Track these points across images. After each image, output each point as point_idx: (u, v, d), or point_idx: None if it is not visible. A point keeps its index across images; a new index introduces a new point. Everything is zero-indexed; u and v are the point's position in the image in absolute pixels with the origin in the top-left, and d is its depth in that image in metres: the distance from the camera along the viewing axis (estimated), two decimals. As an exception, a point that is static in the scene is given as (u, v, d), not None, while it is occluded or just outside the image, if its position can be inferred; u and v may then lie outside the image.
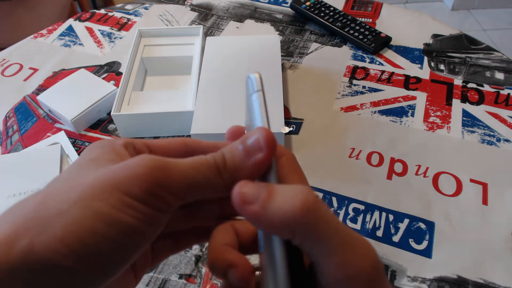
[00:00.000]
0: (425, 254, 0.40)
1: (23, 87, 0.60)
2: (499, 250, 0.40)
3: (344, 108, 0.55)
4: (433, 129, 0.52)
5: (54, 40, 0.68)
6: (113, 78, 0.61)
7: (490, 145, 0.50)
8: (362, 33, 0.64)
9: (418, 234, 0.41)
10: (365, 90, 0.57)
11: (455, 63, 0.61)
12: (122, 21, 0.72)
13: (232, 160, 0.17)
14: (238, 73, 0.53)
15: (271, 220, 0.15)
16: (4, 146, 0.52)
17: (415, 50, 0.64)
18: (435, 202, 0.44)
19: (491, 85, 0.57)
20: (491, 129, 0.51)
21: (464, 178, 0.46)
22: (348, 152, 0.49)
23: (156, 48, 0.61)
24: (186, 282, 0.39)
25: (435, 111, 0.54)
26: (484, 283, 0.38)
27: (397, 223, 0.42)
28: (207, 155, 0.17)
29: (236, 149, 0.17)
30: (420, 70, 0.60)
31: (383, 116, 0.54)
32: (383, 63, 0.62)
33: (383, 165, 0.48)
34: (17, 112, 0.56)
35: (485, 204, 0.44)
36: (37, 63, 0.64)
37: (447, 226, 0.42)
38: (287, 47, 0.65)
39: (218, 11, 0.73)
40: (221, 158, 0.17)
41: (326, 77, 0.59)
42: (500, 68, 0.60)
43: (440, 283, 0.38)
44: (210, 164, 0.17)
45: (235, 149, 0.17)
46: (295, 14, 0.71)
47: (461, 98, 0.56)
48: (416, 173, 0.47)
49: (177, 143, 0.20)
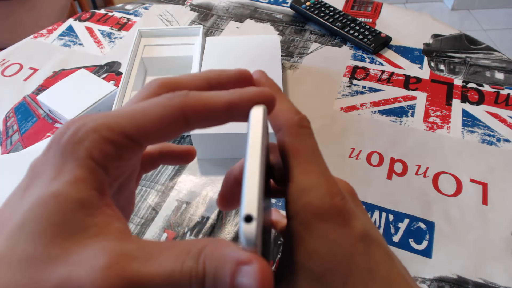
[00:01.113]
0: (425, 254, 0.40)
1: (23, 87, 0.60)
2: (499, 250, 0.40)
3: (344, 108, 0.55)
4: (433, 129, 0.52)
5: (54, 40, 0.68)
6: (113, 78, 0.61)
7: (490, 145, 0.50)
8: (362, 33, 0.64)
9: (418, 234, 0.41)
10: (365, 90, 0.57)
11: (455, 63, 0.61)
12: (122, 21, 0.72)
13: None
14: (238, 73, 0.53)
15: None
16: (4, 146, 0.52)
17: (415, 50, 0.64)
18: (435, 202, 0.44)
19: (491, 85, 0.57)
20: (491, 129, 0.51)
21: (464, 178, 0.46)
22: (348, 152, 0.49)
23: (156, 48, 0.61)
24: None
25: (435, 111, 0.54)
26: (484, 283, 0.38)
27: (397, 223, 0.42)
28: (185, 263, 0.13)
29: (221, 283, 0.13)
30: (420, 70, 0.60)
31: (383, 116, 0.54)
32: (383, 63, 0.62)
33: (383, 165, 0.48)
34: (17, 112, 0.56)
35: (485, 204, 0.44)
36: (37, 63, 0.64)
37: (447, 226, 0.42)
38: (287, 47, 0.65)
39: (218, 11, 0.73)
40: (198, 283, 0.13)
41: (326, 77, 0.59)
42: (500, 68, 0.59)
43: (440, 283, 0.38)
44: (184, 285, 0.13)
45: (219, 281, 0.13)
46: (295, 14, 0.71)
47: (461, 98, 0.56)
48: (416, 173, 0.47)
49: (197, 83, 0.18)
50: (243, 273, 0.13)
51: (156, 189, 0.46)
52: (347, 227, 0.17)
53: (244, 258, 0.13)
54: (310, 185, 0.17)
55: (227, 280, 0.13)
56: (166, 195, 0.46)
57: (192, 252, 0.14)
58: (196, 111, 0.16)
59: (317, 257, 0.16)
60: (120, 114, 0.16)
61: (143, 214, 0.44)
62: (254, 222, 0.13)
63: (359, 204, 0.20)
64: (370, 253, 0.17)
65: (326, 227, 0.17)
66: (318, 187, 0.17)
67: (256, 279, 0.13)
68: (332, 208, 0.17)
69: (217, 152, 0.48)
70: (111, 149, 0.15)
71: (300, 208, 0.17)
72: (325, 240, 0.17)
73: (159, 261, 0.13)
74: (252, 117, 0.16)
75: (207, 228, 0.42)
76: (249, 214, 0.14)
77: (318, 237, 0.17)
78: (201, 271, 0.13)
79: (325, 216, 0.17)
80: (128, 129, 0.15)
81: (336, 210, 0.17)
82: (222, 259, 0.13)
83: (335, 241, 0.17)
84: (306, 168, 0.18)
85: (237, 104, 0.16)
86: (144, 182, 0.47)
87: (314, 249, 0.17)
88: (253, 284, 0.13)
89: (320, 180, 0.17)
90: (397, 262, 0.18)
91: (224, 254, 0.14)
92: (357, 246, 0.17)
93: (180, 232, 0.42)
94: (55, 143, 0.15)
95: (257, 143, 0.16)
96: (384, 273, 0.17)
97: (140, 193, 0.46)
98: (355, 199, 0.20)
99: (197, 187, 0.46)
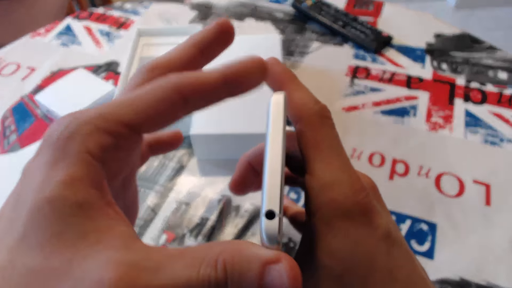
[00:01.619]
0: (428, 255, 0.39)
1: (20, 87, 0.59)
2: (503, 252, 0.39)
3: (345, 108, 0.54)
4: (435, 129, 0.51)
5: (52, 39, 0.68)
6: (112, 77, 0.60)
7: (493, 145, 0.49)
8: (363, 32, 0.63)
9: (420, 235, 0.41)
10: (366, 90, 0.57)
11: (457, 63, 0.60)
12: (120, 20, 0.71)
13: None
14: (238, 72, 0.52)
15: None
16: (2, 146, 0.52)
17: (417, 49, 0.63)
18: (438, 203, 0.43)
19: (494, 84, 0.57)
20: (494, 129, 0.51)
21: (467, 179, 0.45)
22: (350, 152, 0.49)
23: (155, 47, 0.60)
24: None
25: (438, 111, 0.53)
26: (487, 285, 0.37)
27: (399, 224, 0.42)
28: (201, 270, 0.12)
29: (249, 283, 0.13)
30: (422, 70, 0.59)
31: (385, 116, 0.53)
32: (385, 62, 0.61)
33: (385, 166, 0.47)
34: (14, 112, 0.56)
35: (488, 205, 0.43)
36: (34, 63, 0.63)
37: (449, 227, 0.41)
38: (288, 46, 0.64)
39: (218, 10, 0.72)
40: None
41: (327, 77, 0.59)
42: (503, 68, 0.59)
43: (442, 285, 0.37)
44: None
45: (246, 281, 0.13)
46: (296, 13, 0.71)
47: (464, 97, 0.55)
48: (418, 174, 0.46)
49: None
50: (272, 274, 0.12)
51: (155, 190, 0.46)
52: (370, 226, 0.16)
53: (271, 258, 0.13)
54: (332, 180, 0.17)
55: (255, 283, 0.13)
56: (165, 196, 0.45)
57: (208, 259, 0.13)
58: (193, 89, 0.15)
59: (338, 256, 0.16)
60: (114, 103, 0.15)
61: (142, 215, 0.43)
62: (277, 218, 0.13)
63: (381, 199, 0.19)
64: (391, 253, 0.16)
65: (349, 225, 0.16)
66: (341, 183, 0.17)
67: (288, 277, 0.12)
68: (355, 205, 0.16)
69: (217, 152, 0.48)
70: (108, 140, 0.14)
71: (322, 204, 0.17)
72: (347, 238, 0.16)
73: (171, 270, 0.12)
74: (272, 105, 0.16)
75: (206, 229, 0.42)
76: (271, 210, 0.13)
77: (340, 235, 0.16)
78: (222, 277, 0.12)
79: (348, 213, 0.16)
80: (125, 117, 0.14)
81: (359, 208, 0.16)
82: (247, 262, 0.13)
83: (357, 240, 0.16)
84: (328, 162, 0.17)
85: (232, 75, 0.16)
86: (143, 183, 0.47)
87: (336, 248, 0.16)
88: (286, 283, 0.12)
89: (343, 175, 0.17)
90: (418, 264, 0.18)
91: (248, 256, 0.13)
92: (379, 246, 0.16)
93: (179, 233, 0.42)
94: (46, 141, 0.14)
95: (279, 135, 0.15)
96: (405, 275, 0.16)
97: (139, 194, 0.46)
98: (376, 195, 0.19)
99: (197, 188, 0.46)
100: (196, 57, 0.18)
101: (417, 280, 0.17)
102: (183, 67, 0.18)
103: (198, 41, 0.18)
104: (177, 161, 0.49)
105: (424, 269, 0.19)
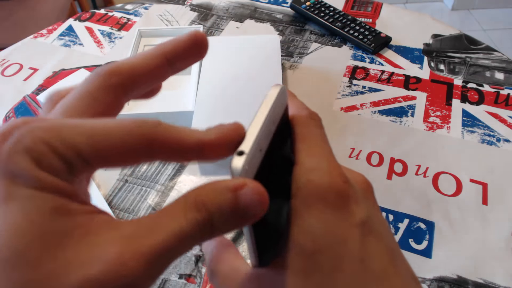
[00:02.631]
0: (425, 254, 0.40)
1: (23, 87, 0.60)
2: (499, 250, 0.40)
3: (344, 108, 0.55)
4: (433, 129, 0.52)
5: (54, 40, 0.68)
6: (113, 78, 0.61)
7: (490, 145, 0.50)
8: (362, 33, 0.64)
9: (418, 234, 0.41)
10: (365, 90, 0.57)
11: (455, 63, 0.61)
12: (122, 21, 0.72)
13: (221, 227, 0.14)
14: (238, 73, 0.53)
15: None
16: (4, 146, 0.52)
17: (415, 50, 0.64)
18: (435, 202, 0.44)
19: (491, 85, 0.57)
20: (491, 129, 0.51)
21: (464, 178, 0.46)
22: (348, 152, 0.49)
23: (156, 48, 0.60)
24: (186, 282, 0.39)
25: (435, 111, 0.54)
26: (484, 283, 0.38)
27: (397, 223, 0.42)
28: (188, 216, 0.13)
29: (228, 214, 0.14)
30: (420, 70, 0.60)
31: (383, 116, 0.54)
32: (383, 63, 0.62)
33: (383, 165, 0.48)
34: (17, 112, 0.56)
35: (485, 204, 0.44)
36: (37, 63, 0.64)
37: (447, 226, 0.42)
38: (287, 47, 0.65)
39: (218, 11, 0.73)
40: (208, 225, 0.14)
41: (326, 77, 0.59)
42: (500, 68, 0.60)
43: (440, 283, 0.38)
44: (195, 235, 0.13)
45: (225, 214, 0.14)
46: (295, 14, 0.71)
47: (461, 98, 0.56)
48: (416, 173, 0.47)
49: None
50: (242, 197, 0.14)
51: (156, 189, 0.46)
52: (345, 210, 0.17)
53: (238, 184, 0.14)
54: (313, 166, 0.17)
55: (233, 210, 0.14)
56: (166, 195, 0.46)
57: (188, 205, 0.14)
58: (164, 145, 0.15)
59: (310, 234, 0.16)
60: (76, 127, 0.14)
61: (143, 214, 0.44)
62: (244, 156, 0.15)
63: (371, 196, 0.20)
64: (366, 242, 0.17)
65: (323, 207, 0.17)
66: (320, 168, 0.17)
67: (255, 194, 0.14)
68: (331, 188, 0.17)
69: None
70: (61, 166, 0.13)
71: (300, 185, 0.17)
72: (320, 218, 0.16)
73: (162, 227, 0.13)
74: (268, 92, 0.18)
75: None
76: (241, 150, 0.15)
77: (314, 215, 0.17)
78: (206, 215, 0.14)
79: (324, 195, 0.17)
80: (82, 147, 0.13)
81: (335, 191, 0.17)
82: (220, 194, 0.14)
83: (330, 220, 0.16)
84: (311, 152, 0.18)
85: (209, 143, 0.15)
86: (144, 182, 0.47)
87: (309, 226, 0.17)
88: (254, 199, 0.14)
89: (323, 162, 0.18)
90: (400, 263, 0.18)
91: (220, 189, 0.14)
92: (353, 232, 0.17)
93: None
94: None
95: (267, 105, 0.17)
96: (378, 267, 0.16)
97: (140, 193, 0.46)
98: (367, 191, 0.20)
99: (197, 187, 0.46)
100: (162, 67, 0.17)
101: (392, 277, 0.17)
102: (146, 76, 0.17)
103: (167, 50, 0.17)
104: (177, 161, 0.49)
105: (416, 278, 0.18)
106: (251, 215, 0.14)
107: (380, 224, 0.18)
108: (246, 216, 0.14)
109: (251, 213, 0.14)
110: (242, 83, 0.51)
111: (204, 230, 0.14)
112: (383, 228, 0.18)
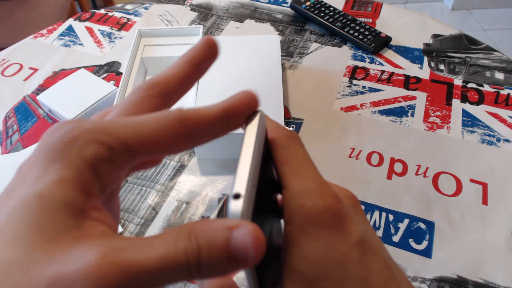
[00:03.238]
0: (425, 254, 0.40)
1: (23, 87, 0.60)
2: (499, 250, 0.40)
3: (344, 108, 0.55)
4: (433, 129, 0.52)
5: (54, 40, 0.68)
6: (113, 78, 0.61)
7: (490, 145, 0.50)
8: (362, 33, 0.64)
9: (418, 234, 0.41)
10: (365, 90, 0.57)
11: (455, 63, 0.61)
12: (122, 21, 0.72)
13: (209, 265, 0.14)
14: (238, 73, 0.53)
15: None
16: (4, 146, 0.52)
17: (415, 50, 0.64)
18: (435, 202, 0.44)
19: (491, 85, 0.57)
20: (491, 129, 0.51)
21: (464, 178, 0.46)
22: (348, 152, 0.49)
23: (156, 48, 0.60)
24: (186, 282, 0.39)
25: (435, 111, 0.54)
26: (484, 283, 0.38)
27: (397, 223, 0.42)
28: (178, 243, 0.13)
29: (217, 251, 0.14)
30: (420, 70, 0.60)
31: (383, 116, 0.54)
32: (383, 63, 0.62)
33: (383, 165, 0.48)
34: (17, 112, 0.56)
35: (485, 204, 0.44)
36: (37, 63, 0.64)
37: (447, 226, 0.42)
38: (287, 47, 0.65)
39: (218, 11, 0.73)
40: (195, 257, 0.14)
41: (326, 77, 0.59)
42: (500, 68, 0.60)
43: (440, 283, 0.38)
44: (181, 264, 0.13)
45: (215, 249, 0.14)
46: (295, 14, 0.71)
47: (461, 98, 0.56)
48: (416, 173, 0.47)
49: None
50: (236, 237, 0.13)
51: (156, 189, 0.46)
52: (342, 231, 0.17)
53: (234, 223, 0.14)
54: (303, 190, 0.17)
55: (223, 248, 0.13)
56: (166, 195, 0.46)
57: (182, 234, 0.14)
58: (196, 121, 0.16)
59: (310, 261, 0.16)
60: (118, 121, 0.15)
61: (143, 214, 0.44)
62: (241, 199, 0.14)
63: (360, 211, 0.20)
64: (366, 261, 0.17)
65: (320, 230, 0.16)
66: (311, 191, 0.17)
67: (250, 237, 0.13)
68: (325, 210, 0.17)
69: (217, 152, 0.48)
70: (105, 152, 0.14)
71: (294, 211, 0.17)
72: (318, 243, 0.16)
73: (151, 248, 0.13)
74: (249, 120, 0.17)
75: (207, 228, 0.42)
76: (238, 193, 0.15)
77: (312, 240, 0.16)
78: (195, 246, 0.13)
79: (319, 218, 0.17)
80: (126, 136, 0.15)
81: (329, 213, 0.17)
82: (214, 230, 0.14)
83: (328, 245, 0.16)
84: (298, 175, 0.18)
85: (232, 108, 0.17)
86: (144, 182, 0.47)
87: (308, 252, 0.16)
88: (248, 241, 0.13)
89: (312, 184, 0.18)
90: (398, 275, 0.18)
91: (215, 226, 0.14)
92: (352, 252, 0.16)
93: (180, 232, 0.42)
94: (43, 142, 0.15)
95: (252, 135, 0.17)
96: (381, 283, 0.16)
97: (140, 193, 0.46)
98: (356, 207, 0.20)
99: (197, 187, 0.46)
100: (191, 72, 0.19)
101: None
102: (181, 82, 0.19)
103: (190, 57, 0.19)
104: (177, 160, 0.49)
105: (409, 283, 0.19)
106: (242, 258, 0.13)
107: (374, 237, 0.19)
108: (236, 259, 0.13)
109: (242, 256, 0.13)
110: (242, 83, 0.51)
111: (191, 262, 0.13)
112: (377, 242, 0.18)
